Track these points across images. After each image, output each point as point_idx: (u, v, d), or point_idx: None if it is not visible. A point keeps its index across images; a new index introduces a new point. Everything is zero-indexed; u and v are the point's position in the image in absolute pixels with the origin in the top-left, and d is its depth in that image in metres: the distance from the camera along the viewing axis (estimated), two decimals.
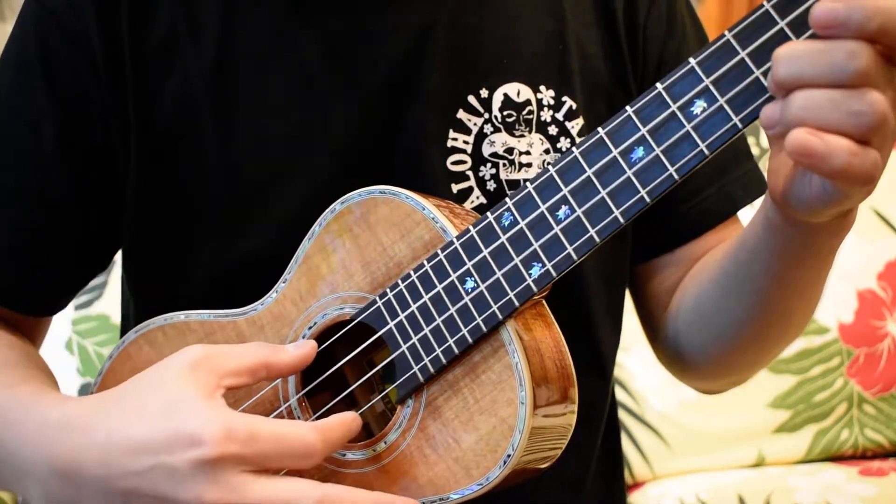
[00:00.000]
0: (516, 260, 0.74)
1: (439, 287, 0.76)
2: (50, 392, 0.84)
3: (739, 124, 0.66)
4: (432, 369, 0.77)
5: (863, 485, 1.63)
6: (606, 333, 1.00)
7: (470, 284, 0.75)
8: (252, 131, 0.90)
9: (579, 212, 0.71)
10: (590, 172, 0.70)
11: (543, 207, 0.72)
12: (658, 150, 0.68)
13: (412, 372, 0.77)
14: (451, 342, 0.76)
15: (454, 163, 0.90)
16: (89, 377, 1.63)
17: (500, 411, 0.74)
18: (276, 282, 0.85)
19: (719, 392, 1.03)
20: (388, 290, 0.79)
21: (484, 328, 0.75)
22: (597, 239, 0.71)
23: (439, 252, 0.77)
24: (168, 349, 0.87)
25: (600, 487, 1.05)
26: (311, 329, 0.82)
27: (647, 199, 0.68)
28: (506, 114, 0.91)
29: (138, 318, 0.95)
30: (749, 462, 1.73)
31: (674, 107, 0.67)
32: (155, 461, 0.71)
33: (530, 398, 0.73)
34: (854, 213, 0.74)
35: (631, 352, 1.72)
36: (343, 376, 0.85)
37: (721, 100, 0.66)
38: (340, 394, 0.83)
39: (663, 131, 0.68)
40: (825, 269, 0.83)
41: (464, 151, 0.91)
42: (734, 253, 0.85)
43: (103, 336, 1.65)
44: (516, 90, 0.91)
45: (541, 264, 0.73)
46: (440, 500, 0.77)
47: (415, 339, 0.77)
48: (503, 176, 0.91)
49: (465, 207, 0.85)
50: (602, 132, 0.70)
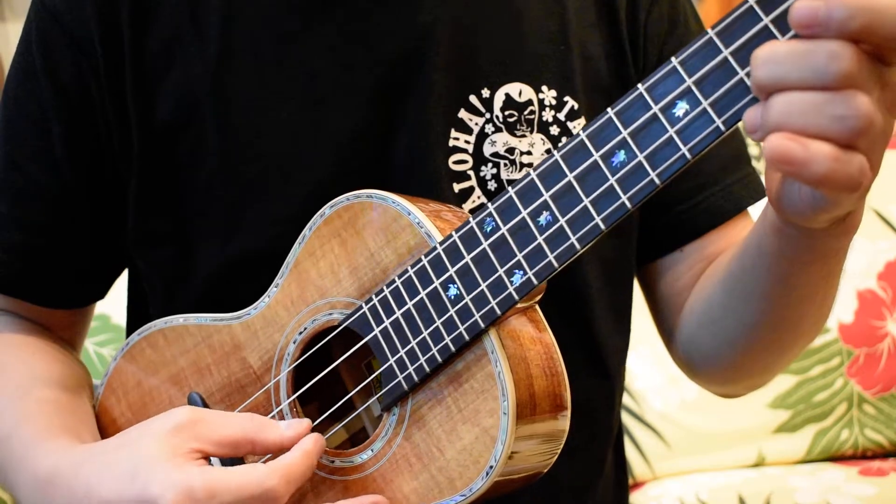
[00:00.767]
0: (498, 267, 0.73)
1: (423, 294, 0.76)
2: (43, 440, 0.86)
3: (722, 127, 0.63)
4: (416, 378, 0.76)
5: (863, 485, 1.62)
6: (609, 334, 0.99)
7: (453, 292, 0.74)
8: (253, 130, 0.90)
9: (561, 220, 0.70)
10: (571, 177, 0.69)
11: (525, 213, 0.71)
12: (640, 155, 0.66)
13: (397, 380, 0.77)
14: (435, 351, 0.75)
15: (456, 162, 0.90)
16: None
17: (482, 421, 0.74)
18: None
19: (738, 395, 1.01)
20: (373, 297, 0.78)
21: (466, 337, 0.74)
22: (578, 246, 0.69)
23: (423, 258, 0.76)
24: (168, 352, 0.89)
25: (611, 495, 1.05)
26: (301, 334, 0.82)
27: (629, 204, 0.66)
28: (507, 114, 0.91)
29: (142, 318, 0.96)
30: (749, 462, 1.73)
31: (655, 108, 0.65)
32: None
33: (513, 408, 0.72)
34: (858, 216, 0.71)
35: (631, 351, 1.70)
36: (339, 379, 0.85)
37: (704, 102, 0.63)
38: (333, 397, 0.83)
39: (645, 134, 0.66)
40: (834, 273, 0.81)
41: (465, 151, 0.90)
42: (740, 256, 0.84)
43: (103, 336, 1.65)
44: (518, 90, 0.91)
45: (522, 272, 0.72)
46: None
47: (399, 346, 0.77)
48: (504, 176, 0.91)
49: (459, 209, 0.84)
50: (583, 135, 0.68)
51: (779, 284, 0.80)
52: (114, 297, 1.04)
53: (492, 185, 0.91)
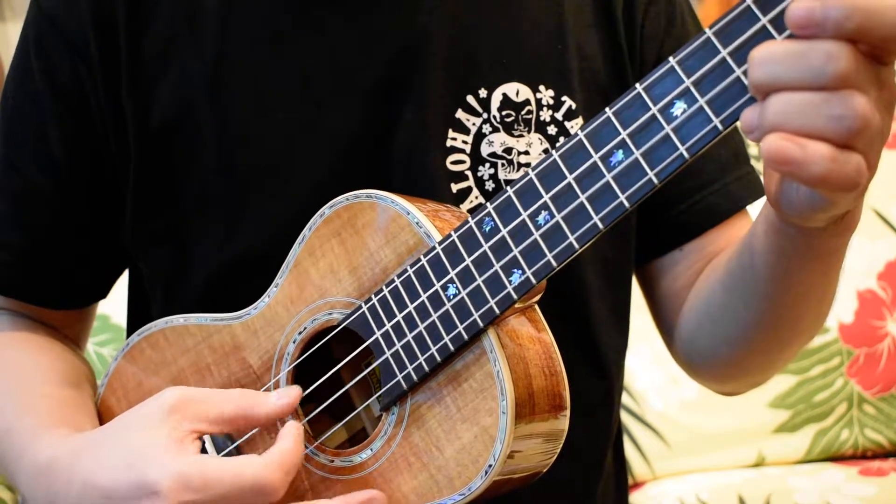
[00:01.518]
0: (496, 266, 0.73)
1: (422, 294, 0.76)
2: (43, 430, 0.86)
3: (720, 126, 0.63)
4: (415, 377, 0.76)
5: (863, 485, 1.62)
6: (609, 334, 0.99)
7: (452, 291, 0.75)
8: (250, 131, 0.90)
9: (559, 217, 0.70)
10: (569, 177, 0.69)
11: (523, 213, 0.71)
12: (637, 154, 0.66)
13: (396, 380, 0.77)
14: (434, 350, 0.75)
15: (453, 162, 0.90)
16: None
17: (481, 420, 0.74)
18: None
19: (738, 393, 1.01)
20: (372, 297, 0.78)
21: (465, 336, 0.74)
22: (576, 246, 0.69)
23: (422, 258, 0.76)
24: (168, 352, 0.89)
25: (611, 494, 1.05)
26: (300, 334, 0.82)
27: (627, 204, 0.66)
28: (504, 114, 0.90)
29: (142, 318, 0.97)
30: (749, 462, 1.73)
31: (654, 109, 0.65)
32: None
33: (512, 407, 0.72)
34: (857, 214, 0.71)
35: (631, 351, 1.70)
36: (340, 379, 0.85)
37: (701, 100, 0.63)
38: (335, 398, 0.83)
39: (643, 134, 0.66)
40: (832, 272, 0.81)
41: (462, 151, 0.90)
42: (739, 254, 0.84)
43: (103, 336, 1.65)
44: (515, 90, 0.91)
45: (521, 271, 0.72)
46: None
47: (399, 346, 0.77)
48: (502, 176, 0.91)
49: (457, 209, 0.84)
50: (581, 134, 0.68)
51: (778, 283, 0.80)
52: (114, 297, 1.04)
53: (489, 186, 0.91)
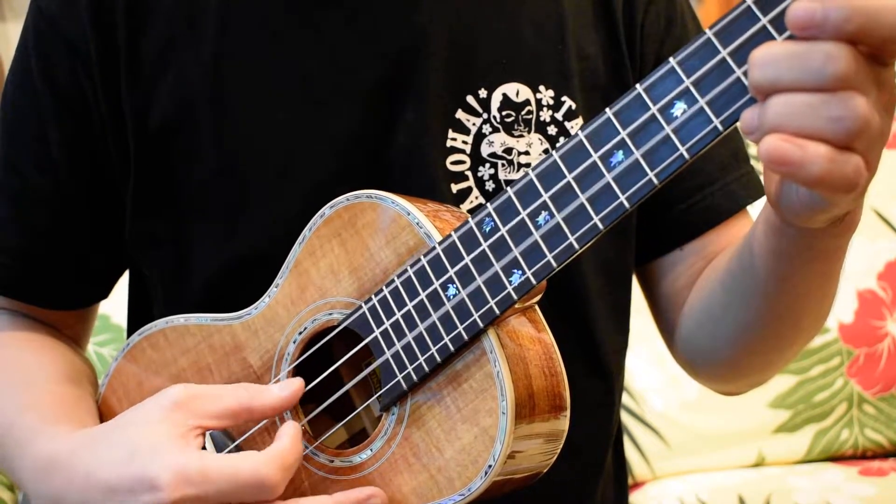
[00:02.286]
0: (496, 267, 0.73)
1: (422, 294, 0.76)
2: (45, 427, 0.86)
3: (720, 127, 0.63)
4: (415, 377, 0.76)
5: (863, 485, 1.62)
6: (609, 333, 0.99)
7: (452, 291, 0.75)
8: (250, 131, 0.90)
9: (559, 218, 0.70)
10: (569, 177, 0.69)
11: (523, 213, 0.71)
12: (637, 154, 0.66)
13: (396, 380, 0.77)
14: (434, 350, 0.75)
15: (453, 163, 0.90)
16: None
17: (481, 421, 0.74)
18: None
19: (739, 393, 1.01)
20: (372, 297, 0.78)
21: (465, 336, 0.74)
22: (576, 246, 0.69)
23: (422, 258, 0.76)
24: (169, 352, 0.89)
25: (611, 494, 1.04)
26: (301, 334, 0.82)
27: (627, 204, 0.66)
28: (504, 114, 0.90)
29: (142, 318, 0.97)
30: (749, 462, 1.73)
31: (654, 109, 0.65)
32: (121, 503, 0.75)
33: (512, 407, 0.72)
34: (857, 215, 0.71)
35: (631, 351, 1.69)
36: (340, 380, 0.85)
37: (701, 101, 0.63)
38: (335, 398, 0.83)
39: (643, 134, 0.66)
40: (833, 272, 0.81)
41: (462, 151, 0.90)
42: (739, 254, 0.84)
43: (103, 336, 1.65)
44: (515, 90, 0.91)
45: (521, 272, 0.72)
46: None
47: (399, 346, 0.77)
48: (502, 176, 0.91)
49: (457, 209, 0.84)
50: (582, 135, 0.68)
51: (778, 283, 0.80)
52: (114, 297, 1.04)
53: (490, 186, 0.91)
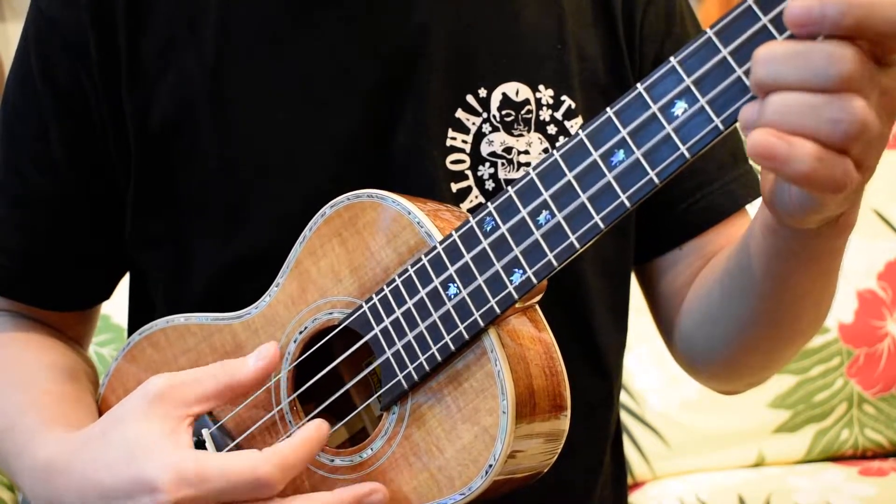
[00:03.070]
0: (497, 266, 0.73)
1: (423, 293, 0.76)
2: (42, 430, 0.86)
3: (721, 126, 0.63)
4: (416, 377, 0.76)
5: (863, 485, 1.62)
6: (608, 333, 0.99)
7: (452, 290, 0.74)
8: (250, 131, 0.90)
9: (559, 217, 0.70)
10: (570, 176, 0.69)
11: (524, 212, 0.71)
12: (638, 154, 0.66)
13: (397, 379, 0.77)
14: (435, 350, 0.75)
15: (453, 162, 0.90)
16: None
17: (482, 420, 0.73)
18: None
19: (738, 392, 1.01)
20: (373, 296, 0.78)
21: (466, 335, 0.74)
22: (577, 245, 0.69)
23: (423, 257, 0.76)
24: (169, 351, 0.89)
25: (610, 494, 1.04)
26: (301, 334, 0.82)
27: (628, 203, 0.66)
28: (504, 113, 0.90)
29: (143, 318, 0.96)
30: (749, 462, 1.73)
31: (654, 108, 0.65)
32: None
33: (512, 407, 0.72)
34: (853, 216, 0.71)
35: (631, 351, 1.70)
36: (341, 380, 0.85)
37: (702, 100, 0.63)
38: (336, 397, 0.83)
39: (644, 133, 0.66)
40: (830, 272, 0.81)
41: (462, 151, 0.90)
42: (736, 254, 0.84)
43: (104, 336, 1.65)
44: (515, 89, 0.91)
45: (521, 271, 0.72)
46: None
47: (399, 345, 0.77)
48: (501, 175, 0.91)
49: (457, 208, 0.84)
50: (582, 134, 0.68)
51: (774, 283, 0.80)
52: (114, 297, 1.04)
53: (489, 185, 0.91)
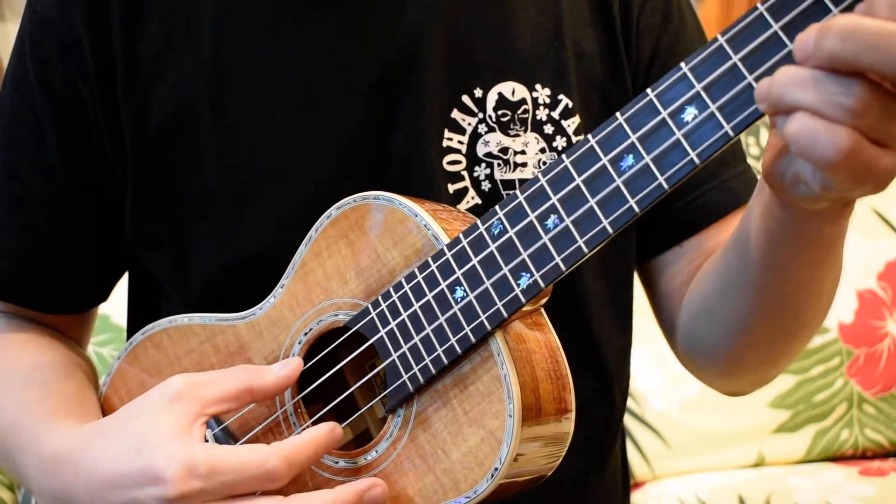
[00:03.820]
0: (505, 269, 0.73)
1: (429, 296, 0.76)
2: (49, 422, 0.86)
3: (731, 132, 0.63)
4: (422, 379, 0.76)
5: (863, 485, 1.63)
6: (608, 333, 0.99)
7: (459, 294, 0.74)
8: (248, 132, 0.90)
9: (568, 221, 0.70)
10: (579, 181, 0.69)
11: (532, 216, 0.71)
12: (648, 159, 0.66)
13: (402, 381, 0.77)
14: (441, 352, 0.75)
15: (449, 163, 0.90)
16: None
17: (488, 423, 0.73)
18: (278, 282, 0.85)
19: (742, 393, 1.01)
20: (380, 299, 0.78)
21: (472, 338, 0.74)
22: (585, 249, 0.69)
23: (430, 261, 0.76)
24: (172, 352, 0.89)
25: (612, 494, 1.05)
26: (306, 335, 0.82)
27: (637, 208, 0.67)
28: (500, 113, 0.90)
29: (142, 318, 0.96)
30: (749, 462, 1.73)
31: (664, 113, 0.65)
32: (127, 496, 0.76)
33: (518, 410, 0.72)
34: (852, 202, 0.71)
35: (632, 351, 1.71)
36: (344, 382, 0.85)
37: (712, 106, 0.64)
38: (341, 399, 0.83)
39: (653, 139, 0.66)
40: (829, 261, 0.80)
41: (458, 151, 0.90)
42: (733, 245, 0.84)
43: (104, 336, 1.65)
44: (511, 89, 0.91)
45: (529, 274, 0.72)
46: None
47: (405, 348, 0.77)
48: (498, 176, 0.91)
49: (454, 209, 0.84)
50: (592, 139, 0.68)
51: (772, 272, 0.80)
52: (114, 297, 1.04)
53: (485, 186, 0.91)
